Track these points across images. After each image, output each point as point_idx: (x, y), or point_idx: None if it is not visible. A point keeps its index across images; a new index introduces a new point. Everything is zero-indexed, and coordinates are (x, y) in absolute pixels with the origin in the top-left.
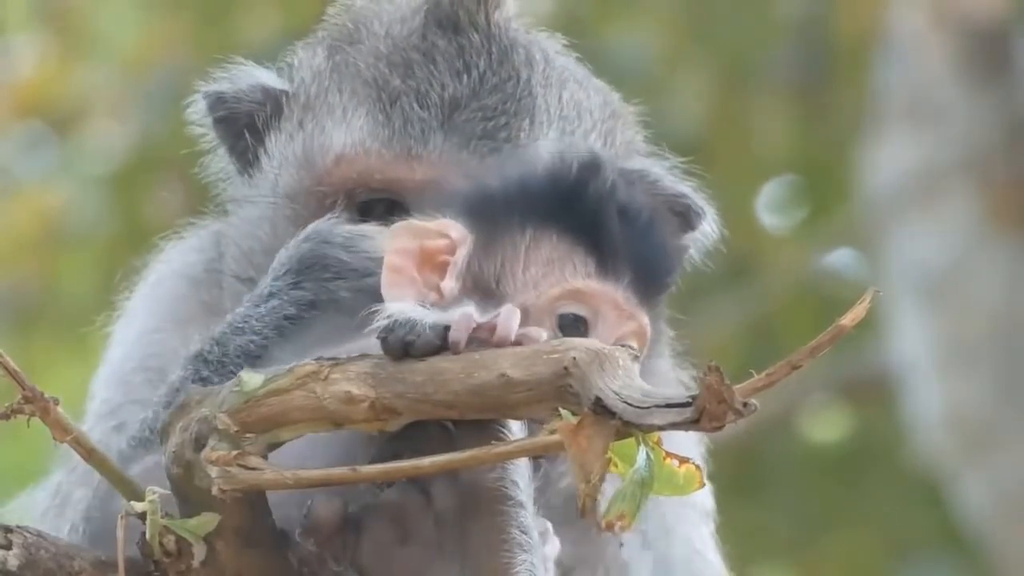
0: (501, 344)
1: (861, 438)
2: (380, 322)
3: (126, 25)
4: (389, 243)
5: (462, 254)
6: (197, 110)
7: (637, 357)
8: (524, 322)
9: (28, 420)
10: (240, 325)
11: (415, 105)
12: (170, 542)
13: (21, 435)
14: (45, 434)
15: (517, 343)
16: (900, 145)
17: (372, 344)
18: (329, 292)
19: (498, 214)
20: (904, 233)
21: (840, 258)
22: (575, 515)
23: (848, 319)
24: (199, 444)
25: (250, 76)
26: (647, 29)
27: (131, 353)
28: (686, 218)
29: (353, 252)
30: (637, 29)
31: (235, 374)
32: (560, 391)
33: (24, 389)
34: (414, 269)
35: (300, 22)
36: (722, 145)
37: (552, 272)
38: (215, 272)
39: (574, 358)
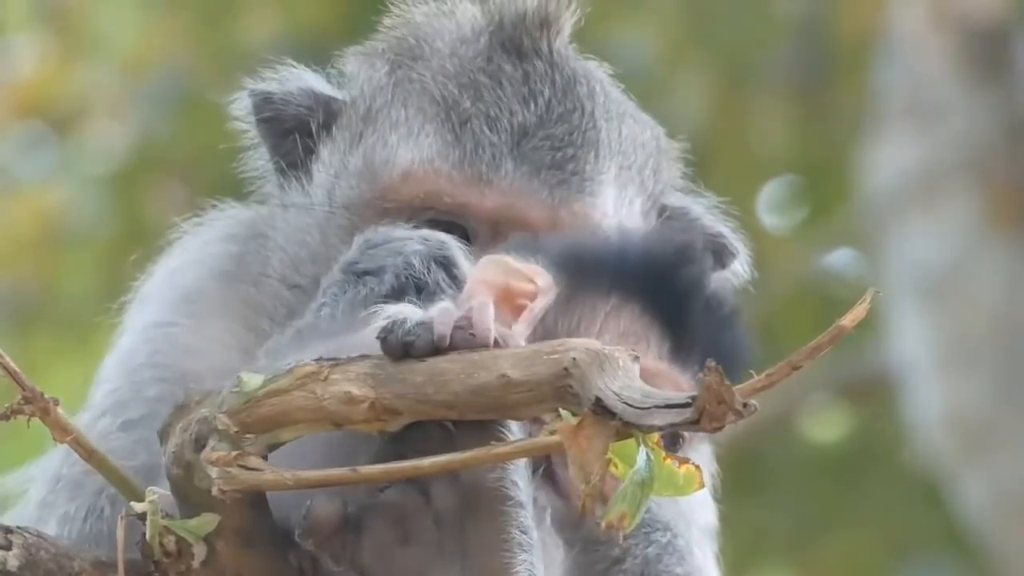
0: (484, 338)
1: (861, 438)
2: (379, 323)
3: (126, 25)
4: (476, 272)
5: (542, 304)
6: (241, 106)
7: (637, 358)
8: None
9: (28, 420)
10: (290, 339)
11: (485, 129)
12: (170, 542)
13: (22, 434)
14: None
15: (497, 344)
16: (900, 145)
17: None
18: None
19: (587, 275)
20: (904, 233)
21: (840, 258)
22: None
23: (848, 319)
24: (199, 445)
25: (300, 79)
26: (647, 29)
27: (139, 346)
28: (720, 257)
29: (404, 254)
30: (637, 29)
31: None
32: (560, 391)
33: (24, 389)
34: (492, 303)
35: (300, 23)
36: (722, 145)
37: (626, 344)
38: (249, 267)
39: (574, 359)
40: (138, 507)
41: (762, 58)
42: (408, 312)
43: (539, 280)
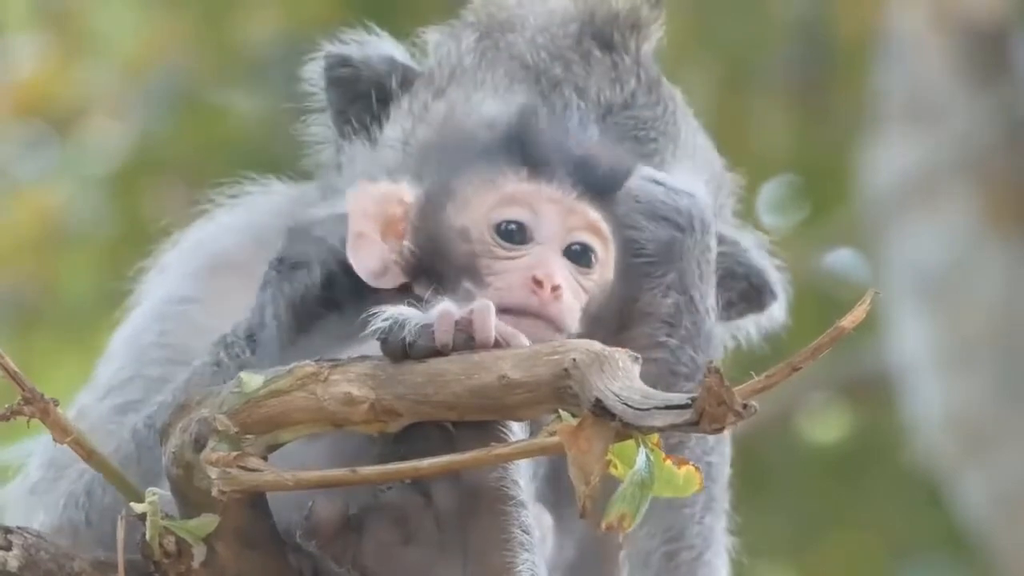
0: (485, 341)
1: (861, 438)
2: (379, 324)
3: (126, 25)
4: (353, 208)
5: (415, 214)
6: (314, 69)
7: (637, 359)
8: (466, 241)
9: (28, 421)
10: None
11: (574, 95)
12: (170, 543)
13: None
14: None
15: (498, 344)
16: (900, 145)
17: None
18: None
19: (444, 166)
20: (904, 233)
21: (840, 258)
22: None
23: (848, 320)
24: (199, 445)
25: (379, 45)
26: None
27: (150, 324)
28: (759, 295)
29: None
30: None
31: None
32: (560, 393)
33: (24, 390)
34: (378, 234)
35: (300, 22)
36: (722, 145)
37: (485, 187)
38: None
39: (574, 359)
40: (138, 508)
41: (762, 58)
42: (408, 313)
43: (406, 197)
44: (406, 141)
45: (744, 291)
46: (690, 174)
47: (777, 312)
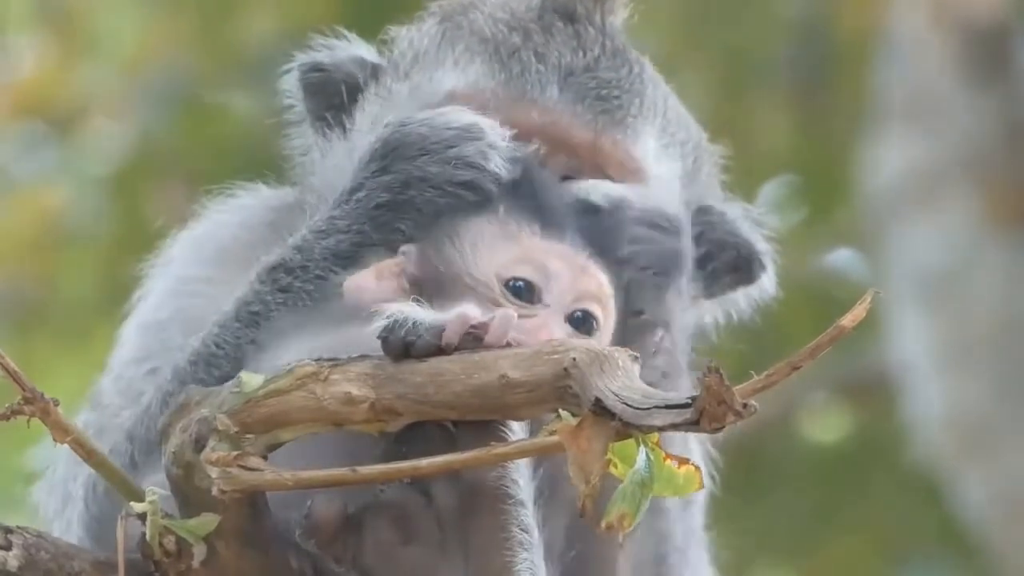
0: (496, 343)
1: (861, 438)
2: (380, 322)
3: (126, 25)
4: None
5: (408, 260)
6: (290, 80)
7: (637, 358)
8: (472, 297)
9: (28, 421)
10: (324, 228)
11: (533, 59)
12: (170, 542)
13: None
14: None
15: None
16: (900, 145)
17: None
18: (418, 169)
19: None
20: (904, 233)
21: (840, 258)
22: None
23: (848, 320)
24: (199, 445)
25: (349, 48)
26: (647, 29)
27: (166, 302)
28: (748, 267)
29: (434, 127)
30: (637, 29)
31: (322, 279)
32: (560, 392)
33: (24, 390)
34: (373, 282)
35: (299, 22)
36: (722, 145)
37: (497, 240)
38: (285, 230)
39: (574, 359)
40: (138, 507)
41: (762, 58)
42: (409, 312)
43: (397, 264)
44: (374, 124)
45: (732, 263)
46: (660, 133)
47: (767, 283)
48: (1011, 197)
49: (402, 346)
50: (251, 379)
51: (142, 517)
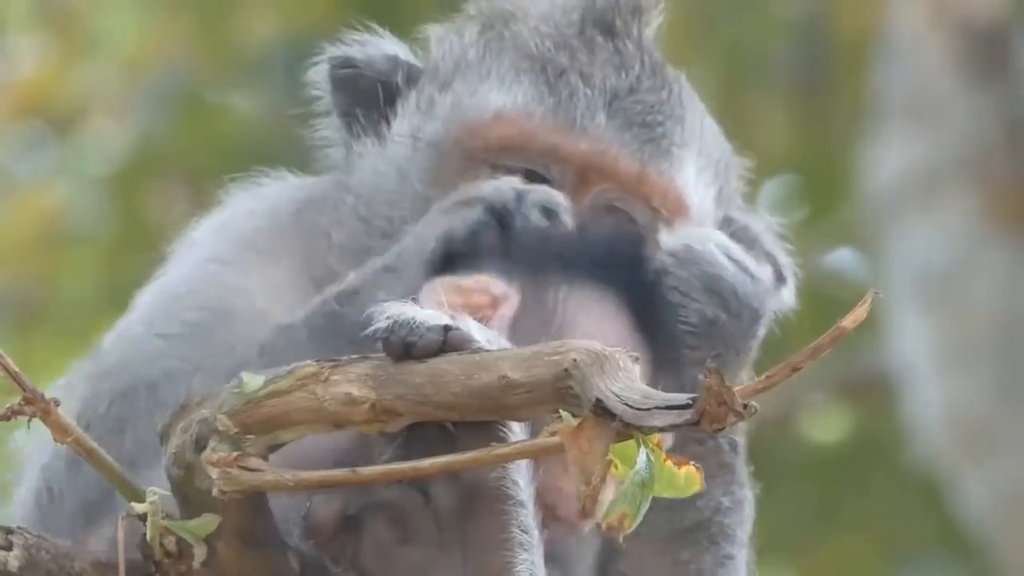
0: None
1: (861, 438)
2: (381, 323)
3: (126, 25)
4: (429, 299)
5: (507, 310)
6: (319, 71)
7: (637, 359)
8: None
9: (28, 421)
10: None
11: (580, 83)
12: (171, 543)
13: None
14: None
15: None
16: (900, 145)
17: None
18: None
19: (545, 271)
20: (904, 233)
21: (840, 258)
22: None
23: (849, 321)
24: (200, 445)
25: (382, 45)
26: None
27: (183, 279)
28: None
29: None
30: None
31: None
32: (560, 393)
33: (24, 390)
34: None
35: (300, 22)
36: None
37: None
38: (311, 221)
39: (574, 360)
40: (138, 507)
41: (762, 57)
42: (410, 312)
43: (493, 289)
44: (415, 136)
45: None
46: (697, 157)
47: (786, 296)
48: (1011, 197)
49: (402, 346)
50: (252, 380)
51: (142, 517)
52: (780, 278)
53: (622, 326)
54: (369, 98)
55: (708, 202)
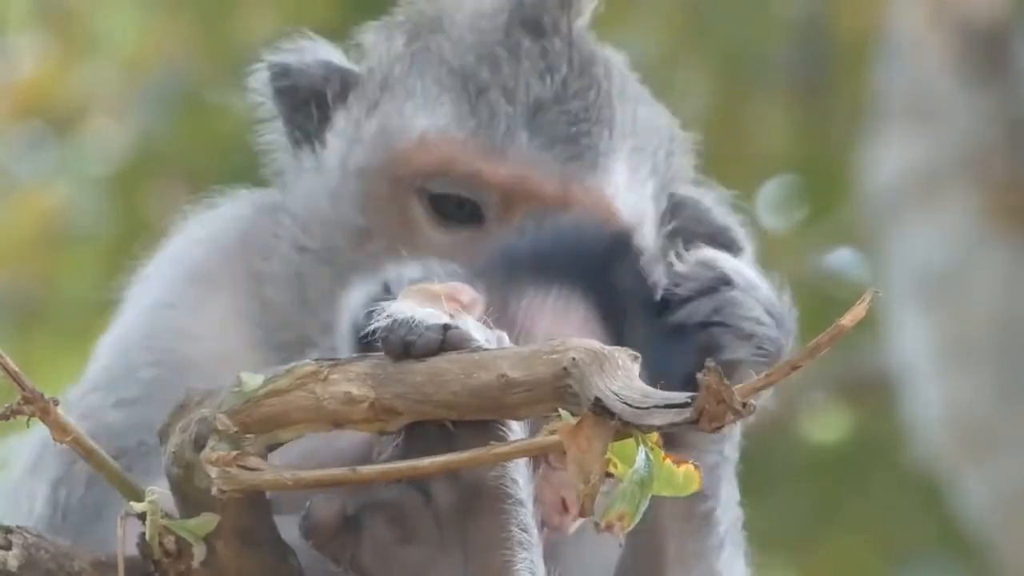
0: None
1: (861, 438)
2: (380, 322)
3: (126, 25)
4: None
5: (474, 317)
6: (259, 79)
7: (636, 358)
8: None
9: (28, 420)
10: None
11: (502, 99)
12: (170, 542)
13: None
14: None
15: None
16: (900, 145)
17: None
18: None
19: (519, 275)
20: (904, 233)
21: (840, 258)
22: None
23: (848, 319)
24: (199, 445)
25: (317, 51)
26: (647, 29)
27: (135, 328)
28: (727, 251)
29: None
30: (637, 29)
31: None
32: (559, 392)
33: (24, 389)
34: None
35: (300, 22)
36: (722, 145)
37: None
38: (256, 240)
39: (573, 358)
40: (138, 507)
41: (762, 58)
42: (409, 311)
43: (463, 296)
44: (344, 162)
45: (707, 244)
46: (630, 154)
47: (745, 263)
48: (1011, 197)
49: (402, 346)
50: (251, 379)
51: (142, 517)
52: (738, 248)
53: (588, 329)
54: (305, 107)
55: (645, 198)
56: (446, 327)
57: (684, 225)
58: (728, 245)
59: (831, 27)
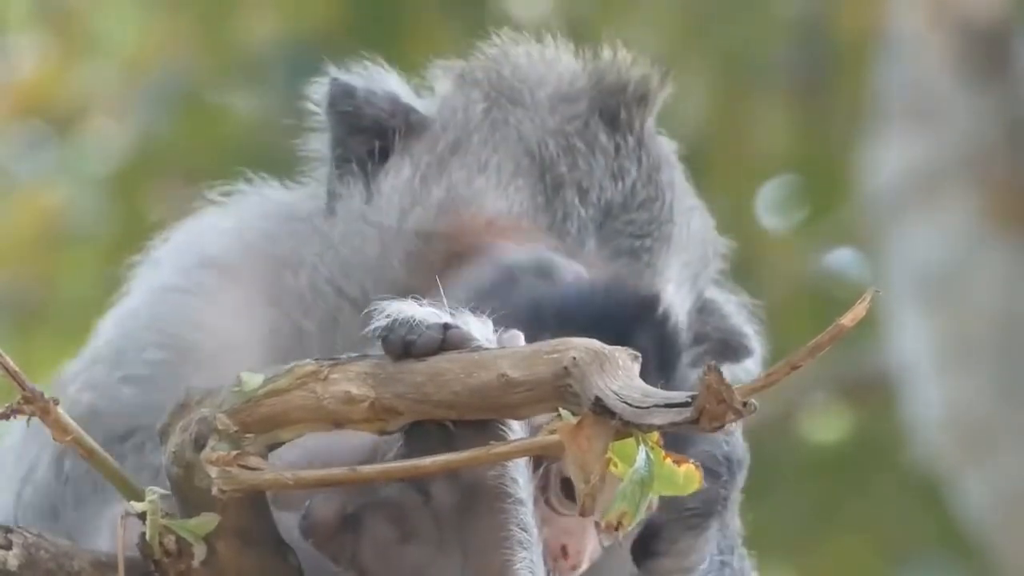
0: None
1: (861, 438)
2: (380, 321)
3: (126, 25)
4: None
5: None
6: (320, 91)
7: (637, 357)
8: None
9: (28, 420)
10: None
11: (576, 200)
12: (170, 542)
13: None
14: None
15: None
16: (900, 145)
17: None
18: None
19: (549, 329)
20: (904, 233)
21: (840, 258)
22: None
23: (848, 319)
24: (199, 444)
25: (385, 81)
26: (647, 29)
27: (143, 309)
28: (736, 353)
29: None
30: (637, 29)
31: None
32: (560, 391)
33: (24, 389)
34: None
35: (300, 23)
36: (722, 145)
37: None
38: (281, 247)
39: (574, 358)
40: (138, 507)
41: (762, 58)
42: (409, 310)
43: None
44: (403, 215)
45: (721, 347)
46: (681, 268)
47: (751, 367)
48: (1011, 197)
49: (402, 345)
50: (251, 378)
51: (142, 517)
52: (747, 351)
53: None
54: (364, 134)
55: (684, 310)
56: (446, 326)
57: (701, 328)
58: (738, 350)
59: (831, 27)
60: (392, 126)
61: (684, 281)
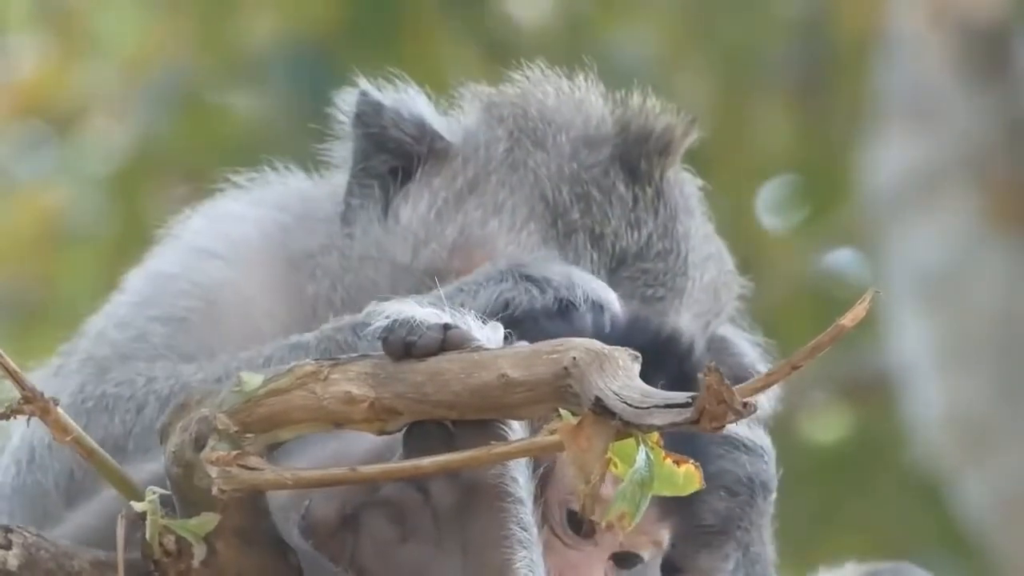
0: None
1: (861, 438)
2: (380, 322)
3: (126, 25)
4: None
5: None
6: (347, 102)
7: (637, 357)
8: (540, 493)
9: (28, 420)
10: None
11: (588, 245)
12: (170, 542)
13: None
14: None
15: None
16: (900, 145)
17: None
18: None
19: None
20: (904, 233)
21: (840, 258)
22: None
23: (848, 319)
24: (199, 444)
25: (414, 104)
26: (647, 29)
27: (173, 264)
28: None
29: None
30: (637, 29)
31: None
32: (560, 391)
33: (24, 389)
34: None
35: (301, 23)
36: (722, 145)
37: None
38: (296, 243)
39: (574, 358)
40: (138, 506)
41: (762, 58)
42: (410, 311)
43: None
44: (414, 255)
45: (733, 383)
46: (693, 318)
47: (764, 402)
48: (1011, 197)
49: (402, 346)
50: (251, 378)
51: (142, 516)
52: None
53: None
54: (387, 153)
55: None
56: (446, 327)
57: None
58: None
59: (831, 27)
60: (416, 152)
61: (696, 329)
